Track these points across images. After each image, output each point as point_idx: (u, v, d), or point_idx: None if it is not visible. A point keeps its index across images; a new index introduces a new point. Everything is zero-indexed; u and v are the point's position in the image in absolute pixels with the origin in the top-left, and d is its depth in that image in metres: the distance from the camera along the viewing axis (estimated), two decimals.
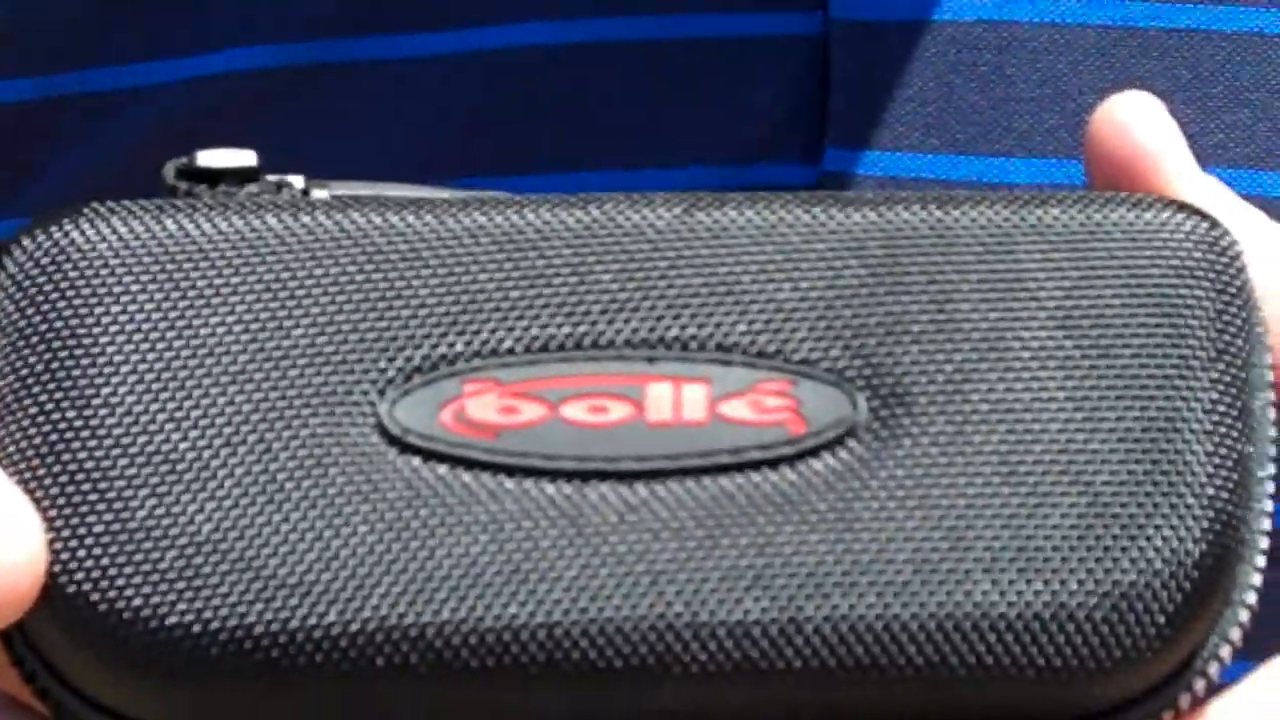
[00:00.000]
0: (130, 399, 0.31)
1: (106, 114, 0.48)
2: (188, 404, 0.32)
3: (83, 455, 0.31)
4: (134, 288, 0.32)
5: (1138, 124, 0.36)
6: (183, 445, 0.31)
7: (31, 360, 0.32)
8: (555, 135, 0.47)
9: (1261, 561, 0.33)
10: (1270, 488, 0.34)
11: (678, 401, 0.32)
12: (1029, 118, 0.46)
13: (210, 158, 0.35)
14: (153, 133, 0.47)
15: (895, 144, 0.47)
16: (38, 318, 0.32)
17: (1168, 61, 0.47)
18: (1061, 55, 0.46)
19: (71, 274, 0.32)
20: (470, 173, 0.46)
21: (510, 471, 0.31)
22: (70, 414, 0.31)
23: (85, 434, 0.31)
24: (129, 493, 0.31)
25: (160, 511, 0.31)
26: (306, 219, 0.33)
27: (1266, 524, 0.33)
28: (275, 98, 0.47)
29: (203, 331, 0.32)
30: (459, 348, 0.32)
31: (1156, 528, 0.32)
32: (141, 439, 0.31)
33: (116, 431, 0.31)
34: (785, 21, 0.47)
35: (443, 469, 0.31)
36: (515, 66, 0.47)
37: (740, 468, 0.32)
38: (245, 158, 0.35)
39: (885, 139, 0.47)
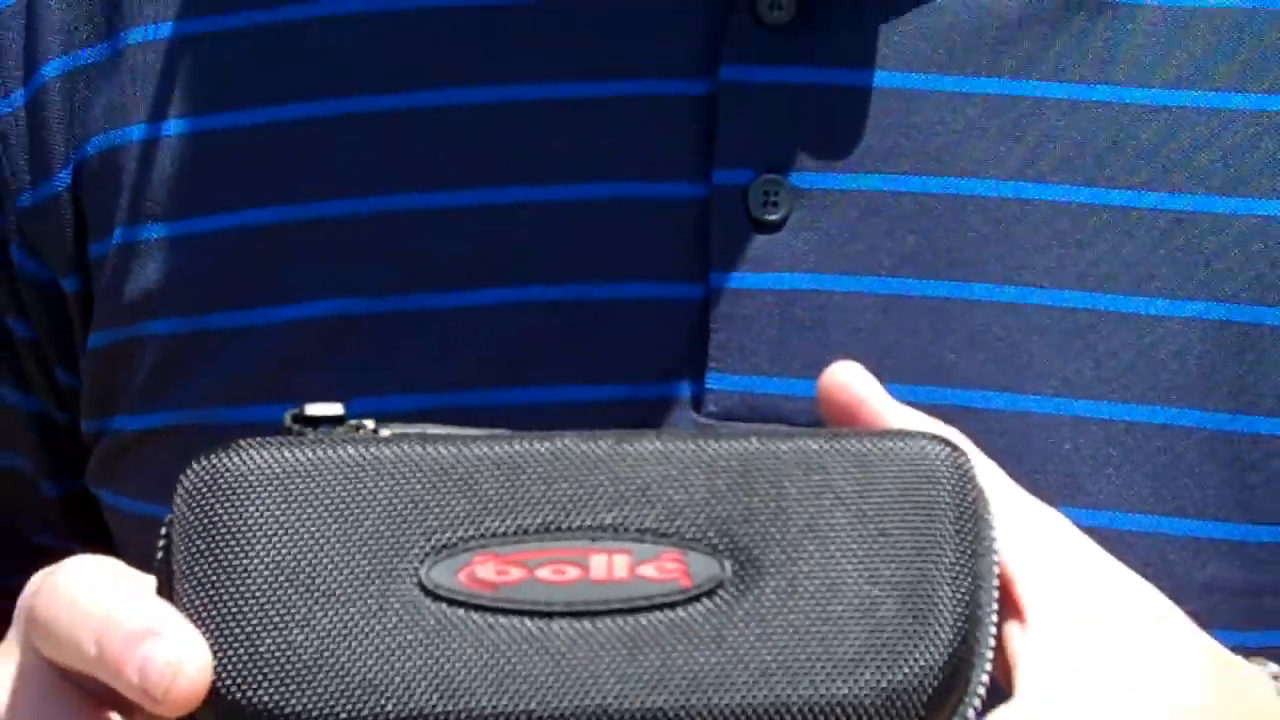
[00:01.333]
0: (262, 568, 0.50)
1: (229, 344, 0.70)
2: (301, 572, 0.50)
3: (229, 604, 0.49)
4: (264, 495, 0.51)
5: (851, 382, 0.57)
6: (297, 598, 0.49)
7: (197, 542, 0.50)
8: (529, 364, 0.68)
9: (989, 667, 0.52)
10: (995, 618, 0.52)
11: (610, 566, 0.50)
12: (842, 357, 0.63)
13: (313, 409, 0.55)
14: (260, 357, 0.69)
15: (752, 371, 0.67)
16: (201, 514, 0.51)
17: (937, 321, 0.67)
18: (863, 315, 0.67)
19: (223, 486, 0.51)
20: (478, 384, 0.67)
21: (504, 612, 0.50)
22: (221, 577, 0.50)
23: (231, 590, 0.49)
24: (262, 628, 0.49)
25: (282, 641, 0.49)
26: (375, 450, 0.52)
27: (992, 642, 0.52)
28: (349, 334, 0.68)
29: (310, 523, 0.51)
30: (471, 532, 0.51)
31: (918, 646, 0.50)
32: (269, 593, 0.49)
33: (253, 589, 0.49)
34: (672, 289, 0.68)
35: (460, 611, 0.49)
36: (504, 318, 0.68)
37: (651, 608, 0.50)
38: (335, 409, 0.55)
39: (744, 368, 0.67)
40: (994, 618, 0.53)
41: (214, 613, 0.50)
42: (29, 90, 0.74)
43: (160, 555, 0.53)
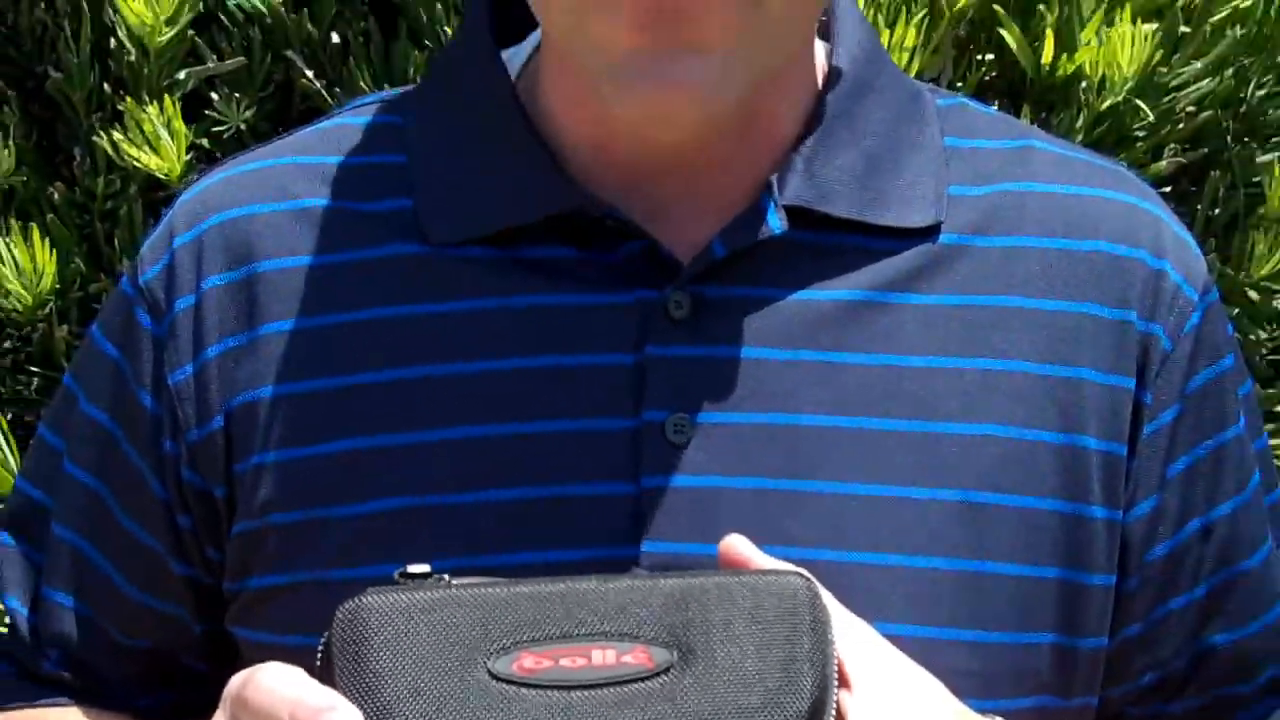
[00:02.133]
0: (390, 669, 0.71)
1: (327, 529, 0.88)
2: (414, 670, 0.71)
3: (373, 693, 0.71)
4: (388, 622, 0.72)
5: (739, 545, 0.79)
6: (413, 684, 0.71)
7: (349, 652, 0.72)
8: (520, 539, 0.87)
9: (832, 717, 0.73)
10: (835, 686, 0.74)
11: (604, 656, 0.72)
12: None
13: (412, 568, 0.75)
14: (348, 536, 0.88)
15: (671, 539, 0.85)
16: (351, 633, 0.72)
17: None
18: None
19: (363, 616, 0.72)
20: (488, 551, 0.86)
21: (541, 687, 0.71)
22: (366, 676, 0.71)
23: (373, 683, 0.71)
24: (393, 706, 0.70)
25: (407, 712, 0.71)
26: (453, 592, 0.73)
27: (834, 701, 0.73)
28: (401, 521, 0.87)
29: (418, 639, 0.72)
30: (517, 640, 0.72)
31: (792, 701, 0.72)
32: (396, 683, 0.71)
33: (385, 681, 0.71)
34: (616, 486, 0.86)
35: (515, 688, 0.71)
36: (502, 509, 0.87)
37: (630, 681, 0.72)
38: (424, 568, 0.75)
39: (666, 538, 0.85)
40: (835, 685, 0.74)
41: (364, 699, 0.70)
42: (195, 365, 0.91)
43: (320, 662, 0.73)
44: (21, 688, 0.98)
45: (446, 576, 0.75)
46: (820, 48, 0.94)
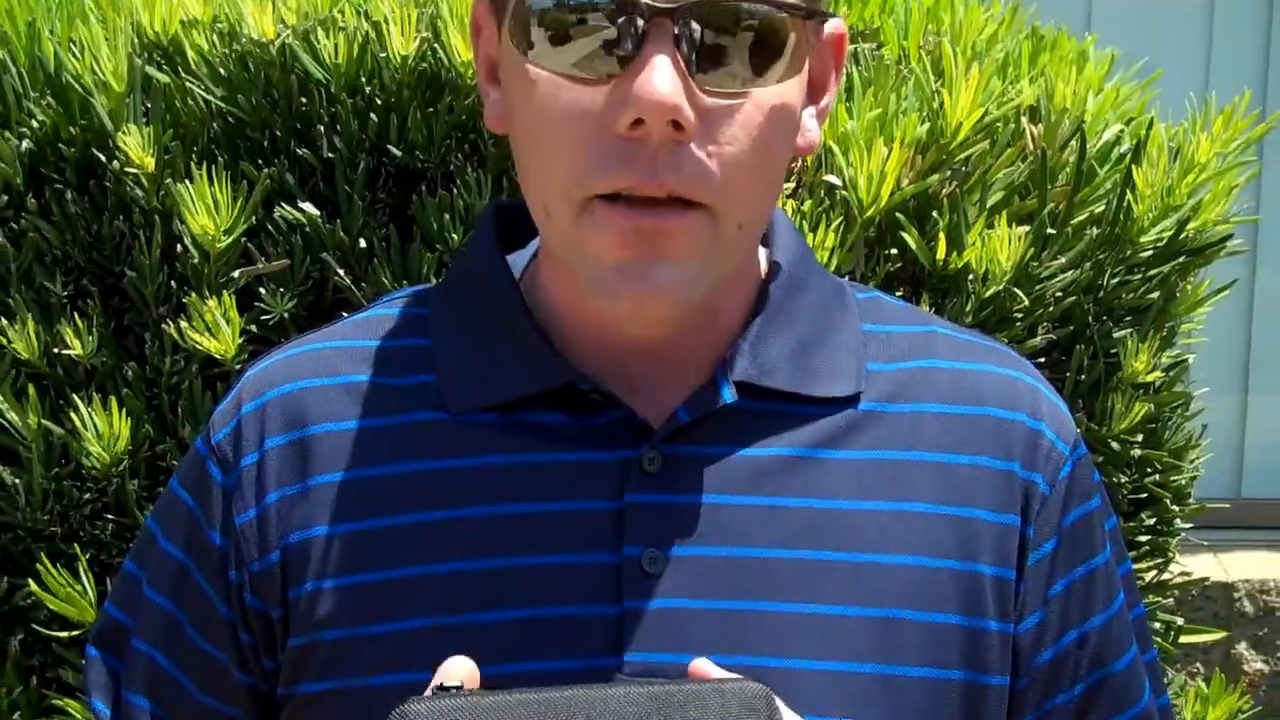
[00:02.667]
0: None
1: (369, 643, 0.90)
2: None
3: None
4: None
5: (706, 665, 0.81)
6: None
7: None
8: (519, 650, 0.89)
9: None
10: None
11: None
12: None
13: (447, 683, 0.78)
14: (386, 650, 0.90)
15: (649, 651, 0.88)
16: None
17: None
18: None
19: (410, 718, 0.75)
20: (495, 661, 0.86)
21: None
22: None
23: None
24: None
25: None
26: (479, 699, 0.75)
27: None
28: (433, 635, 0.89)
29: None
30: None
31: None
32: None
33: None
34: (601, 608, 0.88)
35: None
36: (505, 627, 0.90)
37: None
38: (456, 682, 0.78)
39: (645, 650, 0.88)
40: None
41: None
42: (258, 509, 0.93)
43: None
44: None
45: (467, 687, 0.78)
46: (761, 252, 0.98)
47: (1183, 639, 1.66)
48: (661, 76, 0.80)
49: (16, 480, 1.47)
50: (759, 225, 0.90)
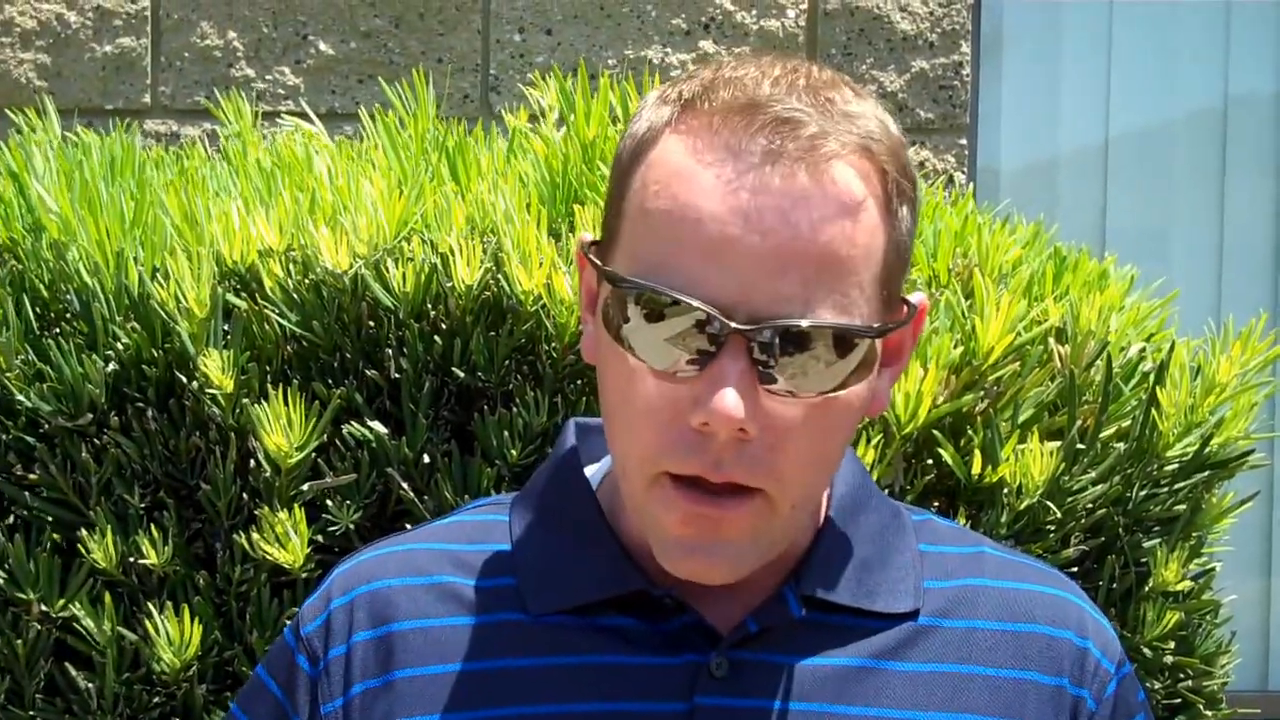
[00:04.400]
0: None
1: None
2: None
3: None
4: None
5: None
6: None
7: None
8: None
9: None
10: None
11: None
12: None
13: None
14: None
15: None
16: None
17: None
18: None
19: None
20: None
21: None
22: None
23: None
24: None
25: None
26: None
27: None
28: None
29: None
30: None
31: None
32: None
33: None
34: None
35: None
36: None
37: None
38: None
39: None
40: None
41: None
42: (344, 699, 0.97)
43: None
44: None
45: None
46: None
47: None
48: (731, 393, 0.85)
49: (89, 685, 1.51)
50: (814, 502, 0.96)
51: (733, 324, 0.86)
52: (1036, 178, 3.64)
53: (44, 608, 1.53)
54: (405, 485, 1.56)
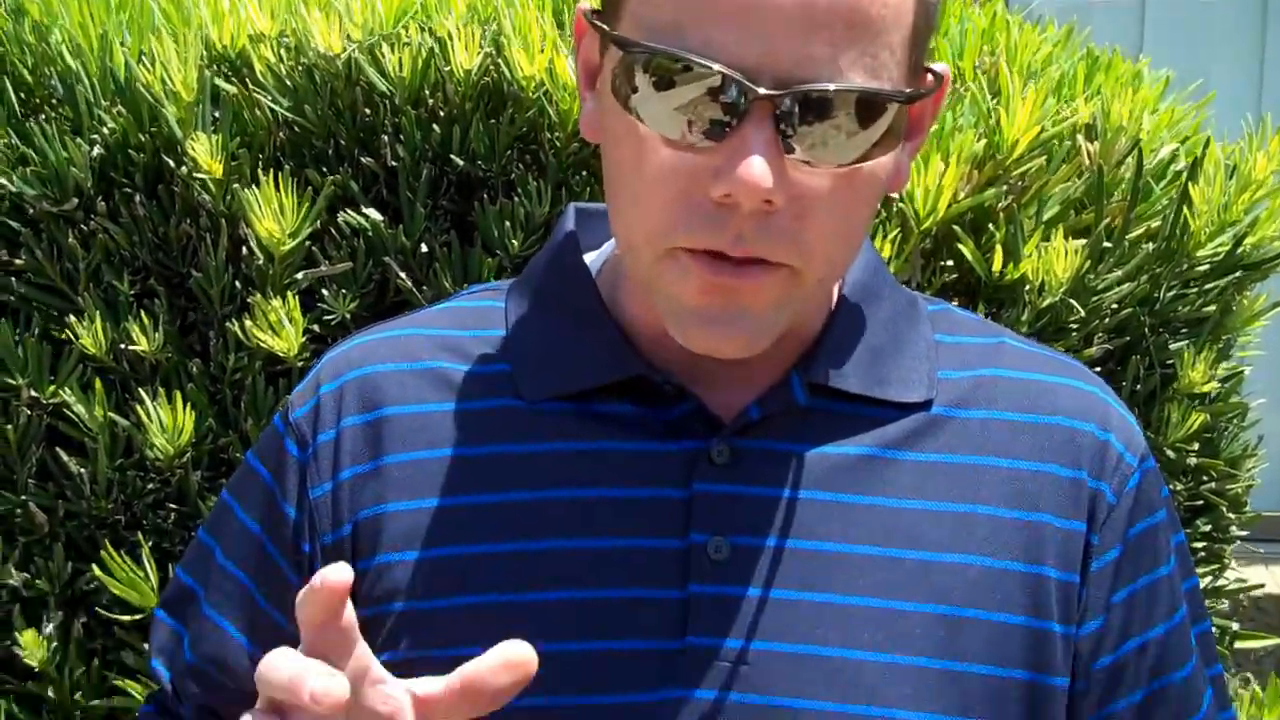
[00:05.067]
0: None
1: (431, 617, 0.91)
2: None
3: None
4: None
5: None
6: None
7: None
8: (579, 629, 0.89)
9: None
10: None
11: None
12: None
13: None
14: (444, 623, 0.91)
15: (711, 635, 0.87)
16: None
17: None
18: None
19: None
20: (553, 640, 0.86)
21: None
22: None
23: None
24: None
25: None
26: None
27: None
28: (488, 612, 0.90)
29: None
30: None
31: None
32: None
33: None
34: (668, 592, 0.88)
35: None
36: (564, 606, 0.90)
37: None
38: None
39: (707, 634, 0.87)
40: None
41: None
42: (333, 484, 0.94)
43: None
44: None
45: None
46: None
47: (1237, 644, 1.65)
48: (759, 161, 0.79)
49: (82, 470, 1.49)
50: (838, 276, 0.92)
51: (759, 89, 0.79)
52: None
53: (34, 393, 1.50)
54: (403, 275, 1.51)
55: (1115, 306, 1.55)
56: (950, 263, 1.55)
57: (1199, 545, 1.57)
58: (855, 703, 0.87)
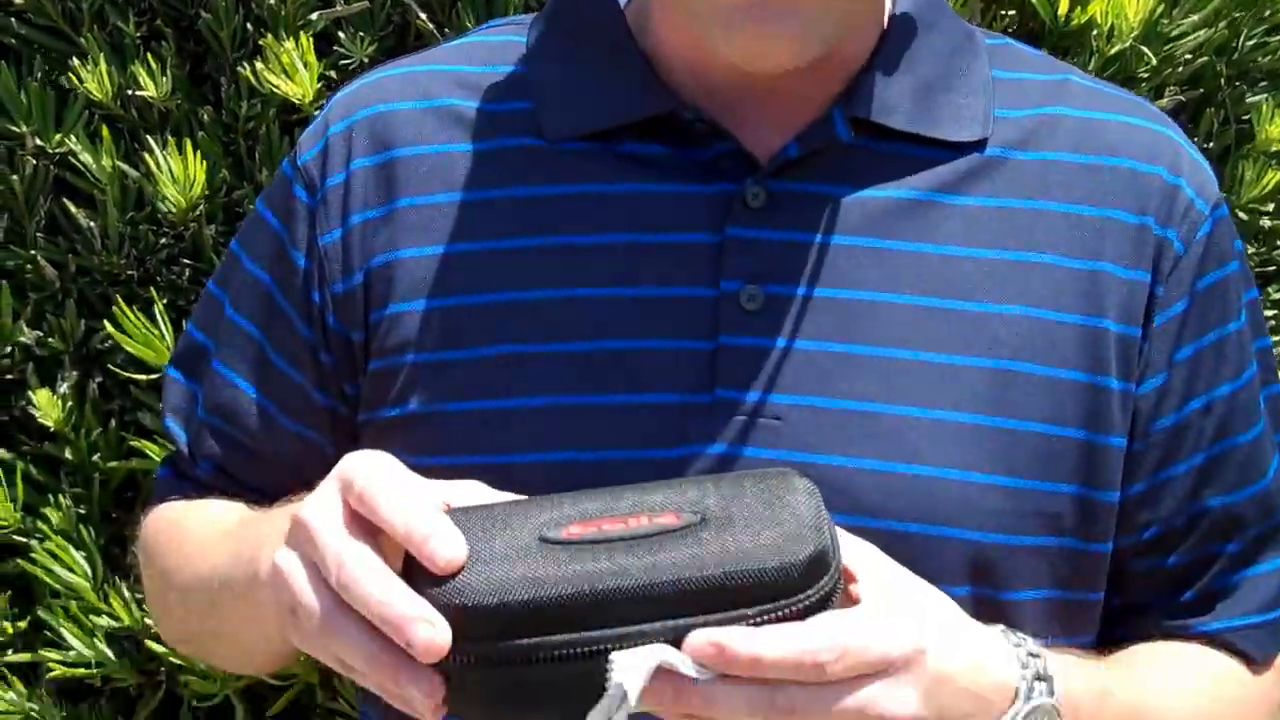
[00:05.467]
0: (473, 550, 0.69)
1: (445, 369, 0.88)
2: (478, 545, 0.69)
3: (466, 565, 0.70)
4: (455, 517, 0.71)
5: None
6: (476, 552, 0.69)
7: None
8: (605, 380, 0.86)
9: (839, 588, 0.70)
10: (841, 571, 0.71)
11: (640, 521, 0.70)
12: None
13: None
14: (461, 376, 0.88)
15: (741, 388, 0.85)
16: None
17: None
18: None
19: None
20: (571, 392, 0.86)
21: (582, 545, 0.68)
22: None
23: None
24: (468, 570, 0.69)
25: (484, 574, 0.68)
26: (502, 504, 0.73)
27: (840, 576, 0.70)
28: (507, 366, 0.87)
29: (479, 527, 0.71)
30: (566, 520, 0.70)
31: (794, 552, 0.69)
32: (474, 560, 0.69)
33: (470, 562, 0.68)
34: (697, 344, 0.86)
35: (563, 545, 0.69)
36: (589, 355, 0.86)
37: (658, 535, 0.69)
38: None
39: (737, 387, 0.85)
40: (841, 568, 0.71)
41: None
42: (343, 230, 0.91)
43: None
44: (181, 486, 1.00)
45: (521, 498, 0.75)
46: None
47: None
48: None
49: (92, 223, 1.45)
50: None
51: None
52: None
53: (39, 142, 1.45)
54: (423, 15, 1.44)
55: (1190, 55, 1.47)
56: (1013, 11, 1.47)
57: (1270, 314, 1.52)
58: (895, 460, 0.84)
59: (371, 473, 0.71)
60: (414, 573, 0.69)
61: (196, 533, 0.95)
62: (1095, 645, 0.92)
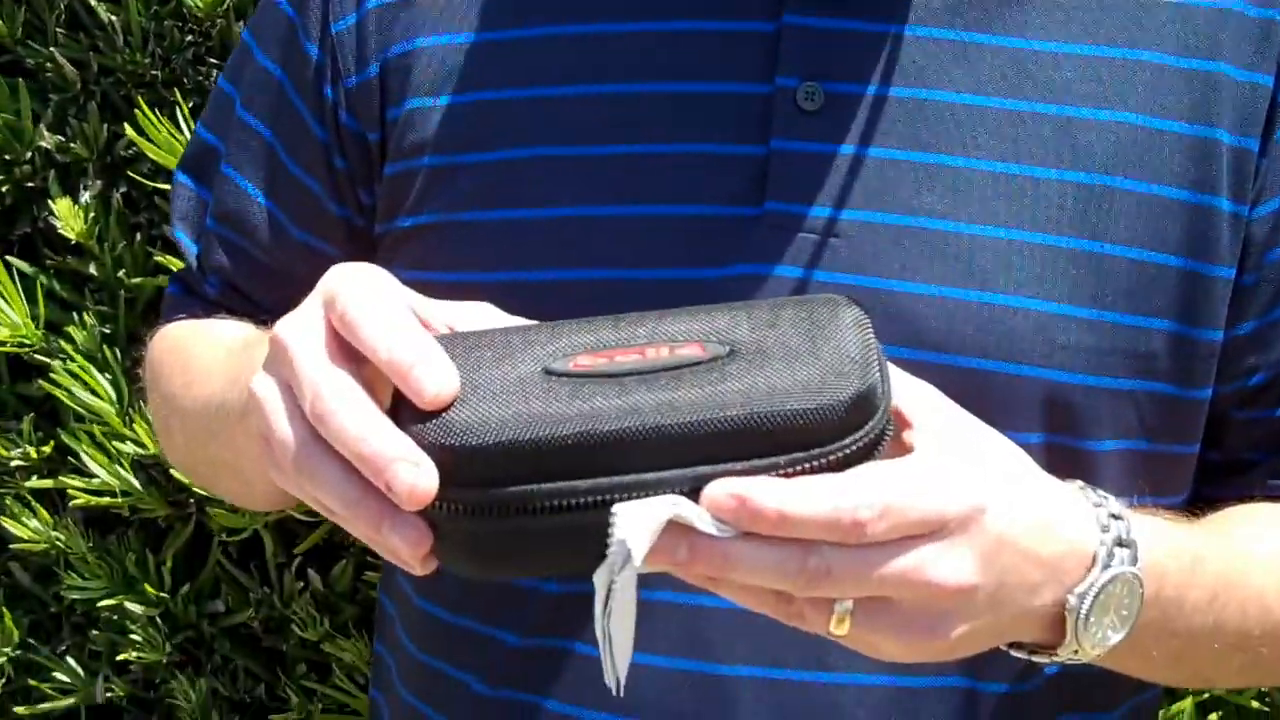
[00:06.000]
0: (469, 382, 0.60)
1: (465, 173, 0.81)
2: (476, 375, 0.61)
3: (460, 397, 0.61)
4: (450, 342, 0.62)
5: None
6: (475, 382, 0.60)
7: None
8: (643, 191, 0.78)
9: (889, 431, 0.60)
10: (891, 411, 0.61)
11: (658, 353, 0.61)
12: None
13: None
14: (483, 180, 0.81)
15: (792, 201, 0.77)
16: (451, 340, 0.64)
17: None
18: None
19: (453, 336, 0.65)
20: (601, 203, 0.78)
21: (591, 378, 0.60)
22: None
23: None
24: (465, 404, 0.60)
25: (477, 410, 0.59)
26: (508, 330, 0.64)
27: (890, 417, 0.60)
28: (531, 167, 0.80)
29: (481, 355, 0.62)
30: (574, 350, 0.61)
31: (837, 389, 0.59)
32: (471, 390, 0.60)
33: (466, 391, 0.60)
34: (746, 148, 0.77)
35: (564, 380, 0.60)
36: (631, 161, 0.78)
37: (681, 367, 0.60)
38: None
39: (788, 199, 0.77)
40: (891, 411, 0.61)
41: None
42: (358, 16, 0.84)
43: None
44: (190, 304, 0.95)
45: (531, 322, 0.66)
46: None
47: None
48: None
49: (113, 18, 1.36)
50: None
51: None
52: None
53: None
54: None
55: None
56: None
57: None
58: (964, 286, 0.76)
59: (357, 289, 0.62)
60: (401, 408, 0.60)
61: (200, 355, 0.89)
62: (1186, 506, 0.83)
